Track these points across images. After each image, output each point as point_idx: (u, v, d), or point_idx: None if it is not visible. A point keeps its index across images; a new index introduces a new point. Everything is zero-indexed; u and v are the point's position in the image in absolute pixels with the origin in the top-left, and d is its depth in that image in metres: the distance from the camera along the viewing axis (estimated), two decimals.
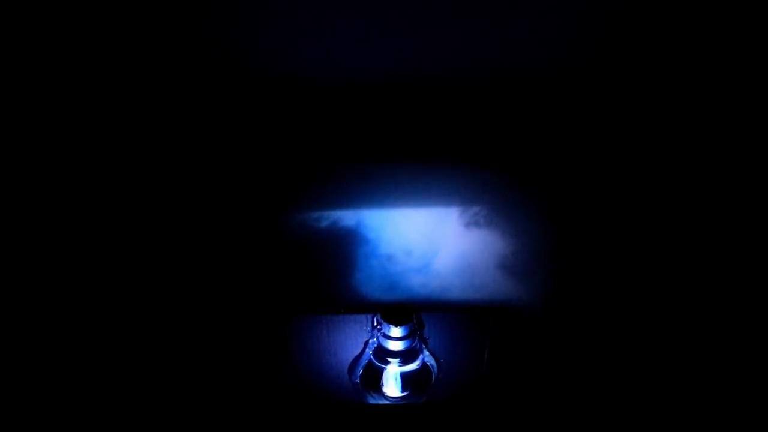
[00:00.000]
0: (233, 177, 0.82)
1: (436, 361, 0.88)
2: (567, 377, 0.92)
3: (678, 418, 0.90)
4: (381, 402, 0.88)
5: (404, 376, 0.86)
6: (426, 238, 0.85)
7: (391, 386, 0.86)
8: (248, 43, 0.69)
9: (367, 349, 0.86)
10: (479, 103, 0.77)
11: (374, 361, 0.85)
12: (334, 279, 0.88)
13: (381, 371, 0.85)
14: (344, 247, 0.85)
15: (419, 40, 0.69)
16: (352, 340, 0.89)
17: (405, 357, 0.84)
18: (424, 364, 0.86)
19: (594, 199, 0.83)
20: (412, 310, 0.83)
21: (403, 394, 0.86)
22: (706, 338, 0.88)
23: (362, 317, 0.87)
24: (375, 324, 0.85)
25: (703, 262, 0.85)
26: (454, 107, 0.78)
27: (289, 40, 0.69)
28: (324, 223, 0.84)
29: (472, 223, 0.84)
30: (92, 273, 0.84)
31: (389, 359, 0.84)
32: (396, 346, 0.83)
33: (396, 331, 0.82)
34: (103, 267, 0.84)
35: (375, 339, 0.85)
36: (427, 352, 0.86)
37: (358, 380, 0.87)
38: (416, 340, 0.84)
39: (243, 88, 0.75)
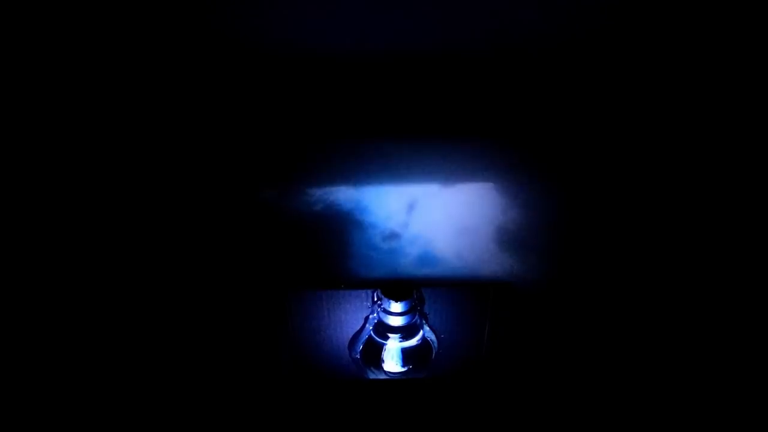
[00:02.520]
0: (233, 153, 0.81)
1: (437, 336, 0.87)
2: (568, 353, 0.92)
3: (677, 397, 0.90)
4: (381, 377, 0.88)
5: (404, 352, 0.86)
6: (426, 214, 0.84)
7: (392, 362, 0.86)
8: (241, 14, 0.67)
9: (367, 325, 0.86)
10: (479, 76, 0.76)
11: (374, 336, 0.85)
12: (335, 254, 0.87)
13: (381, 347, 0.85)
14: (344, 223, 0.85)
15: (418, 12, 0.67)
16: (352, 315, 0.88)
17: (405, 332, 0.84)
18: (424, 340, 0.86)
19: (597, 173, 0.82)
20: (412, 286, 0.83)
21: (403, 370, 0.86)
22: (708, 317, 0.88)
23: (362, 292, 0.87)
24: (375, 299, 0.84)
25: (706, 243, 0.84)
26: (453, 80, 0.76)
27: (285, 11, 0.67)
28: (324, 199, 0.83)
29: (473, 199, 0.83)
30: (91, 252, 0.84)
31: (389, 335, 0.84)
32: (396, 321, 0.82)
33: (396, 307, 0.81)
34: (102, 245, 0.84)
35: (375, 314, 0.84)
36: (427, 328, 0.86)
37: (358, 356, 0.87)
38: (416, 316, 0.84)
39: (240, 62, 0.73)
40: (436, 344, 0.87)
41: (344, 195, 0.83)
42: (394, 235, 0.85)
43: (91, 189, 0.81)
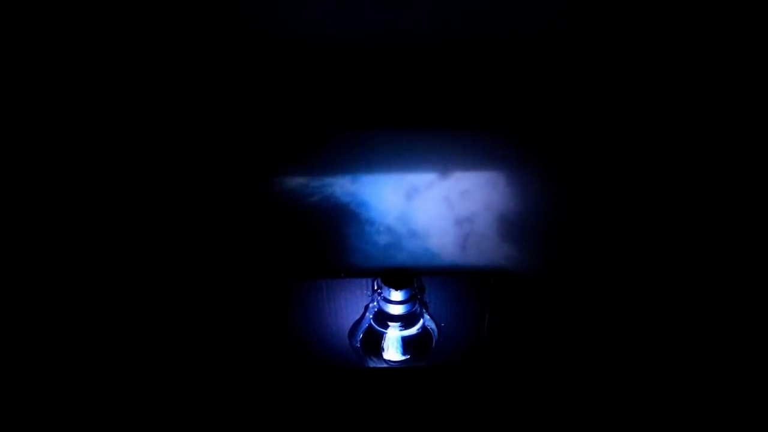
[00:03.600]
0: (232, 144, 0.80)
1: (437, 325, 0.87)
2: (567, 341, 0.92)
3: (674, 384, 0.90)
4: (381, 366, 0.88)
5: (405, 341, 0.85)
6: (427, 203, 0.84)
7: (392, 350, 0.86)
8: (237, 2, 0.67)
9: (367, 314, 0.86)
10: (478, 66, 0.75)
11: (374, 325, 0.85)
12: (335, 244, 0.87)
13: (381, 335, 0.85)
14: (343, 213, 0.84)
15: (418, 1, 0.67)
16: (352, 304, 0.88)
17: (405, 321, 0.84)
18: (424, 329, 0.86)
19: (596, 163, 0.82)
20: (412, 274, 0.82)
21: (403, 358, 0.86)
22: (706, 307, 0.88)
23: (362, 281, 0.87)
24: (375, 288, 0.84)
25: (705, 232, 0.84)
26: (453, 70, 0.76)
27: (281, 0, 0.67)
28: (324, 190, 0.83)
29: (472, 188, 0.83)
30: (90, 247, 0.84)
31: (390, 323, 0.84)
32: (396, 310, 0.82)
33: (396, 295, 0.81)
34: (103, 240, 0.84)
35: (375, 303, 0.84)
36: (427, 317, 0.86)
37: (358, 344, 0.87)
38: (417, 305, 0.84)
39: (237, 52, 0.72)
40: (436, 333, 0.87)
41: (344, 185, 0.83)
42: (393, 225, 0.85)
43: (87, 186, 0.81)
